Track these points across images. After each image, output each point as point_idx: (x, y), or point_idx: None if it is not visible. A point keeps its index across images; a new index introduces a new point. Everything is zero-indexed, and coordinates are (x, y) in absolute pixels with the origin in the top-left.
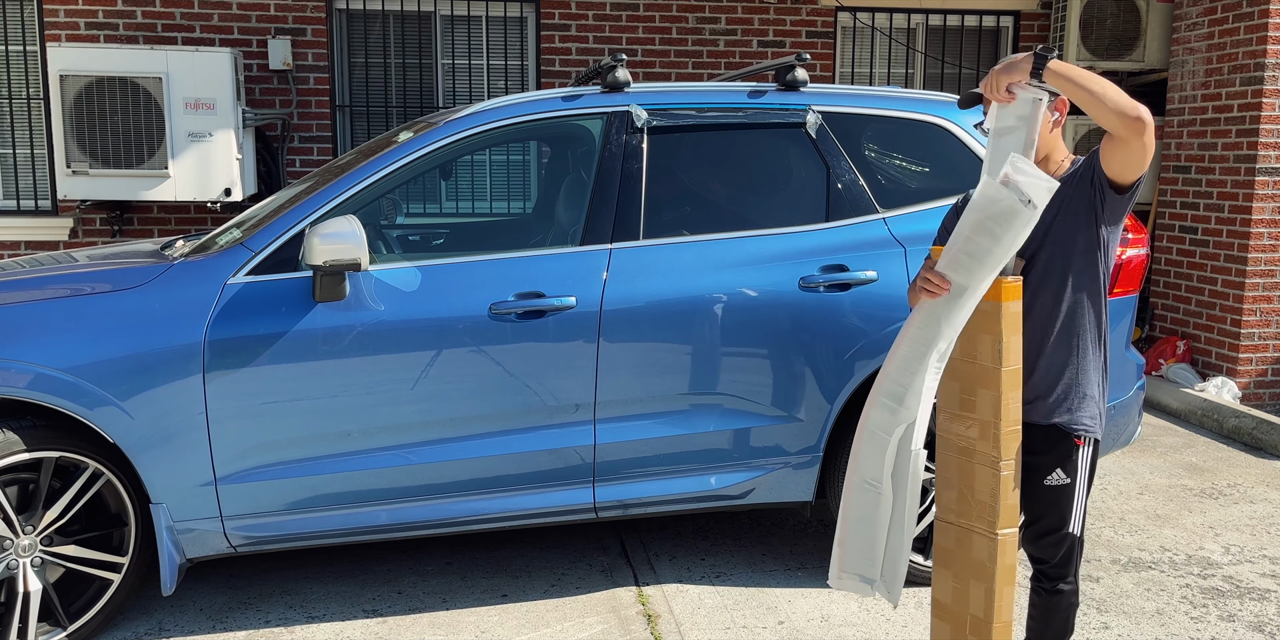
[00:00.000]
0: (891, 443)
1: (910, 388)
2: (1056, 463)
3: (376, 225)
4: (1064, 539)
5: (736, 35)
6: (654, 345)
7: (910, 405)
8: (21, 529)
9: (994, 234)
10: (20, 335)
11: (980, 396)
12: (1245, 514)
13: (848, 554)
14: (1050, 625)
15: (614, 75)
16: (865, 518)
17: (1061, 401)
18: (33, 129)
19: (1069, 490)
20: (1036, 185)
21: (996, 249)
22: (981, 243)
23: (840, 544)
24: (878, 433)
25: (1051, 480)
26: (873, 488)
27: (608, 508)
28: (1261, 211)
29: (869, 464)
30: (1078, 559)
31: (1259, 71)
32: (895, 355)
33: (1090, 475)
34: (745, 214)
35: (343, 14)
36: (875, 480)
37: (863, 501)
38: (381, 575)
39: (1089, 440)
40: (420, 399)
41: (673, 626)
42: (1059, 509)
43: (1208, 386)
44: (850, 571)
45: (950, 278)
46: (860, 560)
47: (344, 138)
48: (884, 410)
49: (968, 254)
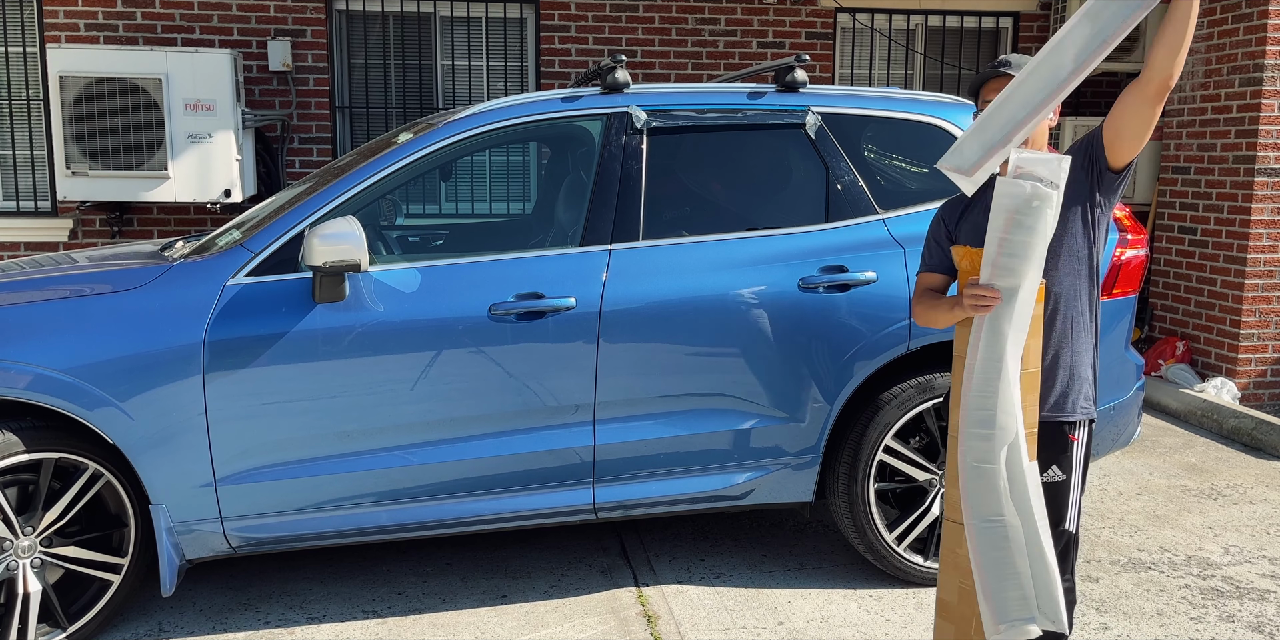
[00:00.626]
0: (1000, 470)
1: (999, 407)
2: (1052, 459)
3: (376, 226)
4: (1060, 536)
5: (736, 36)
6: (653, 346)
7: (1006, 425)
8: (21, 530)
9: (1026, 226)
10: (20, 336)
11: None
12: (1245, 514)
13: (997, 605)
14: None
15: (614, 76)
16: (1001, 559)
17: (1063, 396)
18: (32, 130)
19: (1065, 487)
20: (1050, 164)
21: (1033, 239)
22: (1018, 239)
23: (985, 599)
24: (980, 466)
25: (1047, 477)
26: (996, 524)
27: (607, 508)
28: (1260, 212)
29: (983, 500)
30: (1074, 556)
31: (1258, 72)
32: (970, 382)
33: (1085, 466)
34: (745, 215)
35: (342, 15)
36: (996, 515)
37: (991, 542)
38: (381, 576)
39: (1084, 427)
40: (420, 400)
41: (672, 627)
42: (1055, 506)
43: (1207, 387)
44: (1009, 621)
45: (998, 285)
46: (1014, 605)
47: (344, 139)
48: (978, 440)
49: (1008, 255)
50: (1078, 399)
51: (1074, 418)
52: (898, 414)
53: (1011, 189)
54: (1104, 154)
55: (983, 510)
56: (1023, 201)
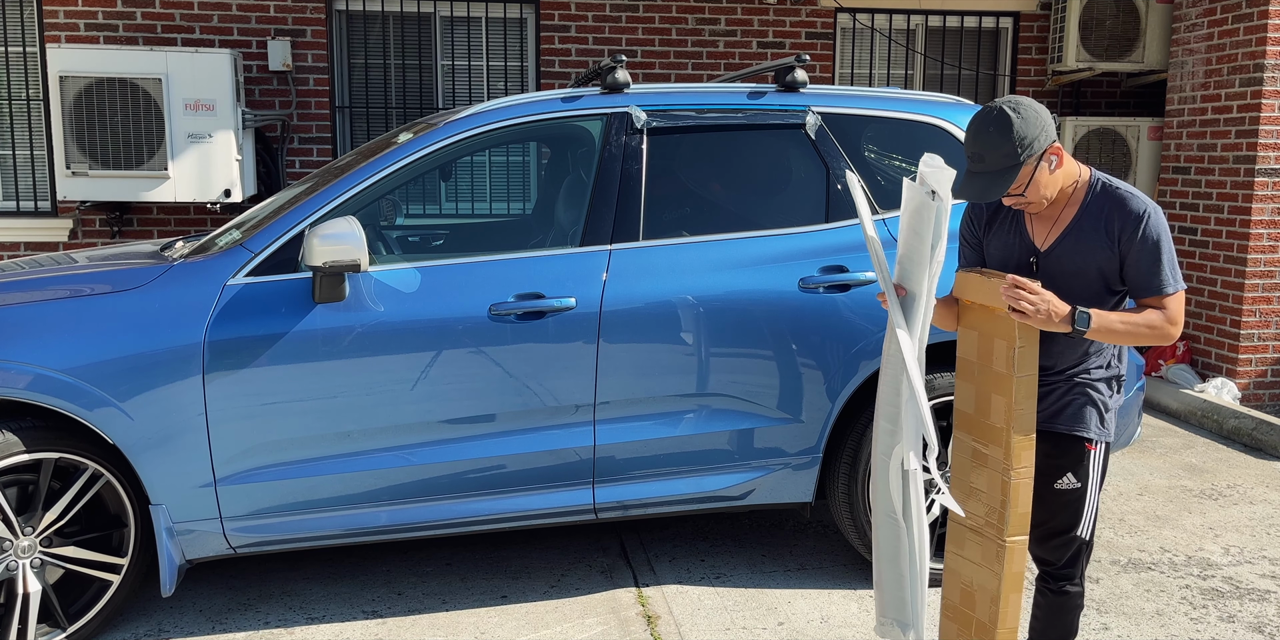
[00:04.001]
0: (896, 467)
1: (903, 408)
2: (1069, 467)
3: (376, 226)
4: (1072, 542)
5: (736, 36)
6: (653, 346)
7: (903, 425)
8: (21, 530)
9: (919, 232)
10: (20, 336)
11: (994, 402)
12: (1245, 515)
13: (884, 597)
14: (1054, 626)
15: (614, 76)
16: (891, 555)
17: (1078, 410)
18: (32, 130)
19: (1080, 494)
20: (939, 176)
21: (922, 246)
22: (914, 244)
23: (877, 586)
24: (884, 459)
25: (1062, 484)
26: (892, 520)
27: (607, 509)
28: (1261, 212)
29: (884, 495)
30: (1085, 562)
31: (1258, 72)
32: (884, 378)
33: (1102, 478)
34: (745, 215)
35: (342, 15)
36: (892, 512)
37: (887, 537)
38: (381, 576)
39: (1100, 444)
40: (420, 400)
41: (672, 627)
42: (1070, 512)
43: (1207, 387)
44: (888, 617)
45: (906, 286)
46: (895, 603)
47: (344, 139)
48: (885, 435)
49: (909, 259)
50: (1091, 421)
51: (1089, 435)
52: None
53: (909, 193)
54: (1117, 273)
55: (884, 505)
56: (915, 207)
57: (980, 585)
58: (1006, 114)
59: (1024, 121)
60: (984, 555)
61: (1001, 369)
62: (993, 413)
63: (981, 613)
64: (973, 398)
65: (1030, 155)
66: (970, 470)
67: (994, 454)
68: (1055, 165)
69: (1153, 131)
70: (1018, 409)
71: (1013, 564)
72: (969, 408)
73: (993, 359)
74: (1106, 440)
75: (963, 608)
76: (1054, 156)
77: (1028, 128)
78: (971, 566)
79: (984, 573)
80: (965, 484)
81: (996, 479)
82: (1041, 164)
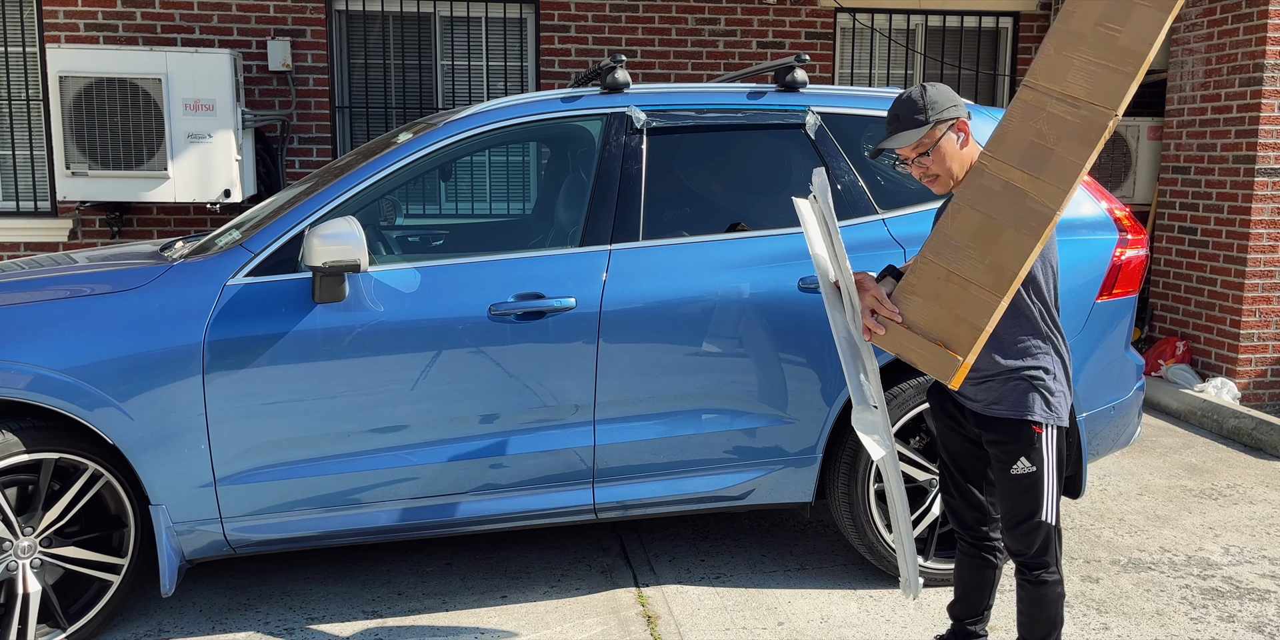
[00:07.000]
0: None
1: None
2: (1020, 452)
3: (376, 226)
4: (1039, 528)
5: (736, 36)
6: (653, 346)
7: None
8: (21, 530)
9: (828, 233)
10: (20, 336)
11: (1005, 239)
12: (1245, 515)
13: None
14: (1039, 617)
15: (613, 76)
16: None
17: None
18: (32, 130)
19: (1036, 478)
20: (818, 182)
21: (813, 242)
22: (826, 243)
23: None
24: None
25: (1018, 469)
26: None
27: (607, 509)
28: (1260, 212)
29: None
30: (1056, 548)
31: (1258, 72)
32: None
33: (1058, 462)
34: (745, 215)
35: (342, 15)
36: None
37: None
38: (381, 576)
39: (1051, 427)
40: (420, 400)
41: (672, 627)
42: (1030, 497)
43: (1207, 387)
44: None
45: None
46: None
47: (343, 139)
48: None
49: (829, 258)
50: (1035, 399)
51: (1036, 417)
52: (897, 414)
53: (803, 207)
54: None
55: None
56: (815, 217)
57: (948, 311)
58: (923, 87)
59: (936, 92)
60: (959, 306)
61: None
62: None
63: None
64: (974, 228)
65: (937, 117)
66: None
67: (980, 280)
68: (961, 142)
69: (1152, 131)
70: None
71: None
72: (966, 238)
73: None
74: (1058, 424)
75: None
76: (961, 133)
77: (939, 96)
78: (940, 302)
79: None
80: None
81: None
82: (949, 133)
